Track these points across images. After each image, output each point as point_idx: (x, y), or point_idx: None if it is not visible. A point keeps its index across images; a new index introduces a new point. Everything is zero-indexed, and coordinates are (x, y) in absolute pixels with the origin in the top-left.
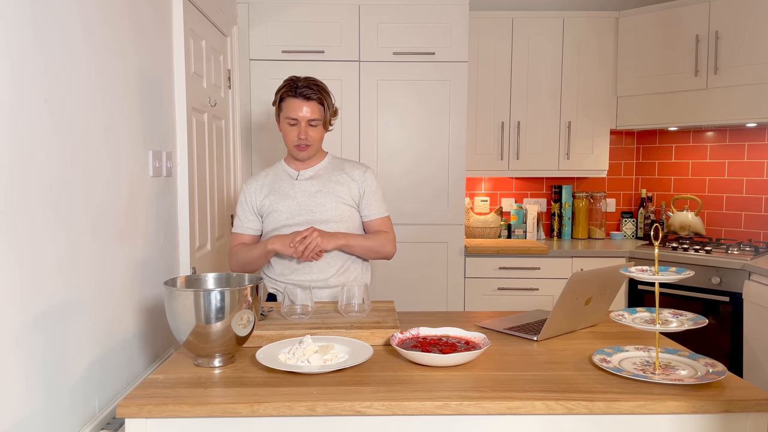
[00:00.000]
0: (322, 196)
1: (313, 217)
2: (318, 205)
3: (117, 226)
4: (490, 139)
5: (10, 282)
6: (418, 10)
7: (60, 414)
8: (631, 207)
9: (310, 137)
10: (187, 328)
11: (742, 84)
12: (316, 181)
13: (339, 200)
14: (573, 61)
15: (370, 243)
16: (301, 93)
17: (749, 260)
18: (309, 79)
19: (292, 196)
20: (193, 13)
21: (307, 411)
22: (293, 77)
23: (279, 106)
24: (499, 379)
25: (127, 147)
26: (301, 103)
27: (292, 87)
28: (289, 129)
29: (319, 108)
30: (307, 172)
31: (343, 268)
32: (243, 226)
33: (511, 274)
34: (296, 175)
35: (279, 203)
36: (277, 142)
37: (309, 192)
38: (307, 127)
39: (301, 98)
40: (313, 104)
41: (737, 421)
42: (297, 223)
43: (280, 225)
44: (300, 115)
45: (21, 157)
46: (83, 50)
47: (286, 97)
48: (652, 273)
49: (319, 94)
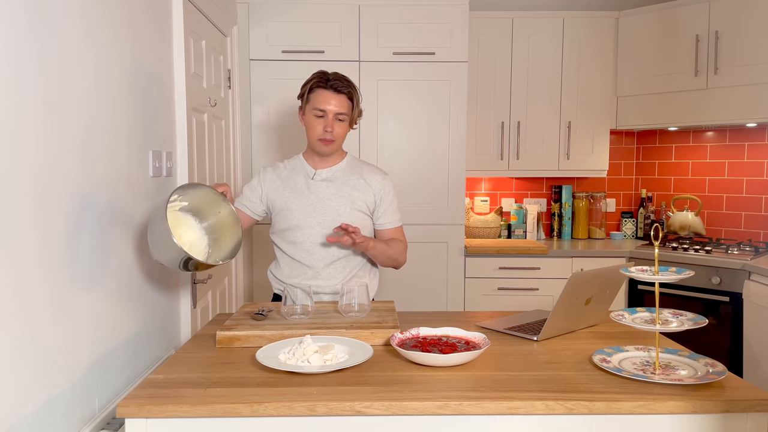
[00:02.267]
0: (337, 200)
1: (325, 219)
2: (332, 209)
3: (117, 226)
4: (490, 139)
5: (10, 282)
6: (418, 10)
7: (60, 414)
8: (631, 207)
9: (336, 132)
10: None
11: (742, 84)
12: (332, 183)
13: (353, 206)
14: (573, 61)
15: (391, 251)
16: (332, 85)
17: (749, 260)
18: (339, 74)
19: (307, 195)
20: (193, 13)
21: (307, 411)
22: (323, 71)
23: (306, 98)
24: (499, 379)
25: (127, 147)
26: (331, 96)
27: (324, 78)
28: (315, 121)
29: (348, 103)
30: (324, 172)
31: (351, 274)
32: (242, 203)
33: (511, 274)
34: (313, 174)
35: (292, 201)
36: (278, 143)
37: (324, 194)
38: (334, 121)
39: (332, 90)
40: (343, 98)
41: (737, 421)
42: (309, 224)
43: (293, 225)
44: (329, 107)
45: (21, 157)
46: (82, 50)
47: (315, 88)
48: (652, 273)
49: (349, 89)
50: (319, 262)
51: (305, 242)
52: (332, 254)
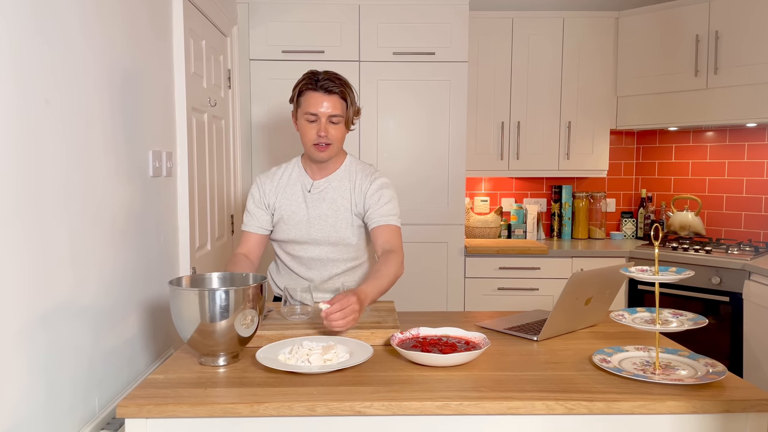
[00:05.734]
0: (333, 216)
1: (322, 236)
2: (328, 225)
3: (117, 226)
4: (490, 139)
5: (10, 282)
6: (418, 10)
7: (60, 414)
8: (631, 207)
9: (331, 135)
10: (191, 326)
11: (742, 84)
12: (328, 195)
13: (349, 221)
14: (573, 61)
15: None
16: (322, 86)
17: (749, 260)
18: (330, 73)
19: (303, 210)
20: (193, 13)
21: (307, 411)
22: (313, 70)
23: (297, 102)
24: (499, 379)
25: (127, 147)
26: (322, 97)
27: (313, 80)
28: (308, 126)
29: (342, 103)
30: (320, 184)
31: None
32: (253, 224)
33: (511, 274)
34: (309, 186)
35: (289, 215)
36: (278, 143)
37: (319, 209)
38: (328, 124)
39: (322, 91)
40: (335, 99)
41: (737, 421)
42: (306, 240)
43: (290, 239)
44: (320, 110)
45: (22, 157)
46: (83, 50)
47: (305, 91)
48: (652, 273)
49: (341, 88)
50: (317, 277)
51: (302, 257)
52: (330, 271)
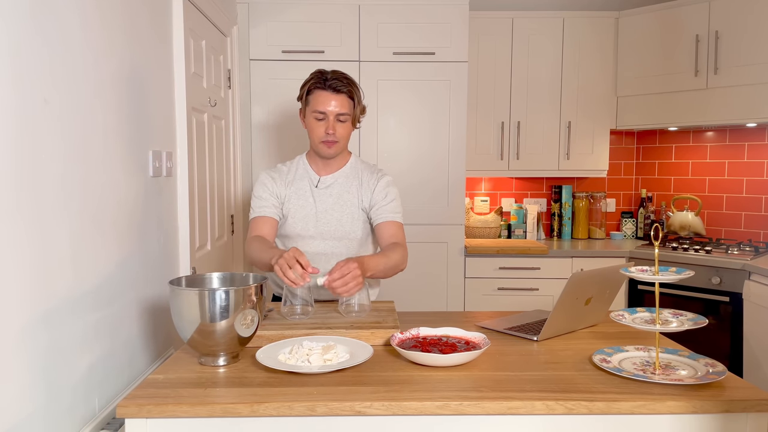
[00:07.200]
0: (339, 210)
1: (327, 230)
2: (334, 219)
3: (117, 226)
4: (490, 139)
5: (10, 282)
6: (418, 10)
7: (60, 414)
8: (631, 207)
9: (338, 133)
10: (191, 326)
11: (742, 84)
12: (334, 191)
13: (354, 216)
14: (573, 61)
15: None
16: (330, 85)
17: (749, 260)
18: (338, 72)
19: (310, 205)
20: (193, 13)
21: (307, 411)
22: (321, 70)
23: (305, 100)
24: (499, 379)
25: (127, 147)
26: (330, 96)
27: (321, 79)
28: (316, 124)
29: (349, 102)
30: (327, 179)
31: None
32: (267, 209)
33: (511, 274)
34: (317, 181)
35: (295, 210)
36: (278, 142)
37: (326, 204)
38: (336, 122)
39: (330, 90)
40: (343, 97)
41: (737, 421)
42: (310, 235)
43: (294, 234)
44: (328, 108)
45: (22, 157)
46: (82, 50)
47: (313, 90)
48: (652, 273)
49: (349, 87)
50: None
51: (307, 253)
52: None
